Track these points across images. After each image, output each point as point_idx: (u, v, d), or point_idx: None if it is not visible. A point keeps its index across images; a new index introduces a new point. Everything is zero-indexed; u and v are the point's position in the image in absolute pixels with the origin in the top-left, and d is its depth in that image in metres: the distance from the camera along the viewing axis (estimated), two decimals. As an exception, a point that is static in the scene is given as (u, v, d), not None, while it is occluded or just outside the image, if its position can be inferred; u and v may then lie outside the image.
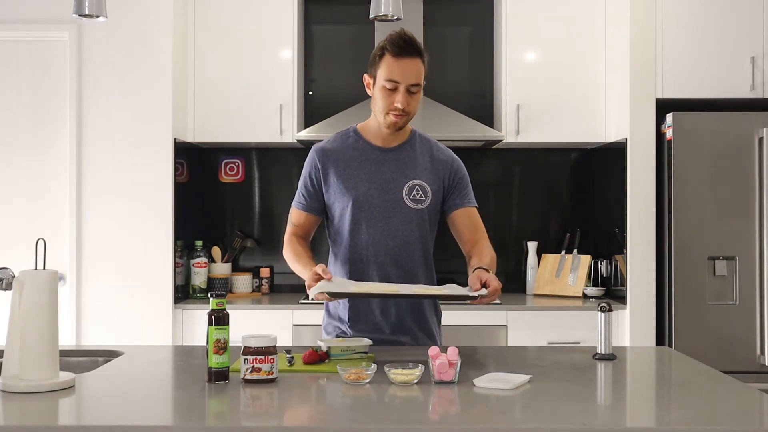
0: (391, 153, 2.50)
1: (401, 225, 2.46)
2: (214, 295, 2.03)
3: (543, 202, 4.41)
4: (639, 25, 3.74)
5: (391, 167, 2.48)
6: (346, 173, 2.45)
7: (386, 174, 2.47)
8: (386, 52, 2.36)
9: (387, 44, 2.36)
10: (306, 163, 2.51)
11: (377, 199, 2.44)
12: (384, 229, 2.45)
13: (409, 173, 2.49)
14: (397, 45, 2.35)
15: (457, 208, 2.58)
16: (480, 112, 4.34)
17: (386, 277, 2.45)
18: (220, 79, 4.04)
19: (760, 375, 3.55)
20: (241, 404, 1.89)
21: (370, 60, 2.42)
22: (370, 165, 2.47)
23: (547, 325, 3.74)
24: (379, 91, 2.38)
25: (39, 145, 3.85)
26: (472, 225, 2.61)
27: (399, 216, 2.45)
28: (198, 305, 3.83)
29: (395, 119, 2.41)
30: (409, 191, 2.47)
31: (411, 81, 2.37)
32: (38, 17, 3.80)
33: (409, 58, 2.36)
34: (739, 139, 3.61)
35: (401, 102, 2.37)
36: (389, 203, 2.45)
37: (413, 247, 2.49)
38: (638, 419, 1.84)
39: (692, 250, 3.61)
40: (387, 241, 2.45)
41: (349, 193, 2.44)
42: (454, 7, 4.42)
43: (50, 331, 1.94)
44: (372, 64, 2.41)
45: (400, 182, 2.47)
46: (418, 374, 1.99)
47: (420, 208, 2.48)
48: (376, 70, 2.39)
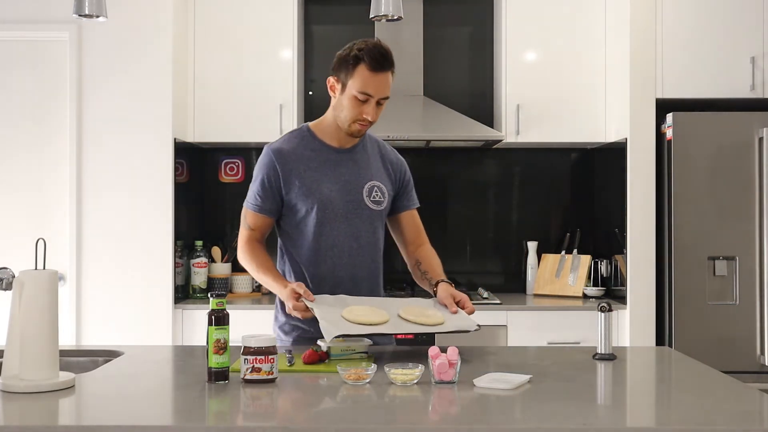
0: (347, 154, 2.48)
1: (363, 226, 2.46)
2: (214, 295, 2.03)
3: (543, 202, 4.41)
4: (639, 25, 3.74)
5: (349, 168, 2.46)
6: (308, 175, 2.41)
7: (345, 175, 2.45)
8: (363, 63, 2.32)
9: (364, 56, 2.32)
10: (261, 164, 2.43)
11: (340, 201, 2.43)
12: (347, 231, 2.44)
13: (366, 174, 2.48)
14: (375, 59, 2.32)
15: (405, 210, 2.61)
16: (480, 112, 4.34)
17: (351, 278, 2.44)
18: (220, 79, 4.04)
19: (760, 375, 3.55)
20: (241, 404, 1.89)
21: (339, 63, 2.37)
22: (329, 166, 2.44)
23: (547, 325, 3.74)
24: (350, 100, 2.36)
25: (39, 145, 3.85)
26: (416, 227, 2.63)
27: (361, 218, 2.45)
28: (198, 305, 3.83)
29: (360, 128, 2.41)
30: (369, 192, 2.47)
31: (383, 95, 2.37)
32: (38, 17, 3.80)
33: (384, 72, 2.35)
34: (739, 139, 3.61)
35: (371, 115, 2.37)
36: (351, 205, 2.44)
37: (374, 248, 2.50)
38: (638, 419, 1.84)
39: (692, 250, 3.61)
40: (351, 243, 2.44)
41: (313, 195, 2.40)
42: (454, 7, 4.42)
43: (50, 331, 1.94)
44: (342, 69, 2.36)
45: (360, 183, 2.46)
46: (418, 374, 1.99)
47: (380, 210, 2.49)
48: (347, 77, 2.34)
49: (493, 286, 4.24)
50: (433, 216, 4.41)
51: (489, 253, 4.41)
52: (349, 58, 2.34)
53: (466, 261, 4.41)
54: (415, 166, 4.40)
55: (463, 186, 4.42)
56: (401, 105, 4.06)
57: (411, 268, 2.61)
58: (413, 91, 4.14)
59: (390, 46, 4.18)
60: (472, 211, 4.42)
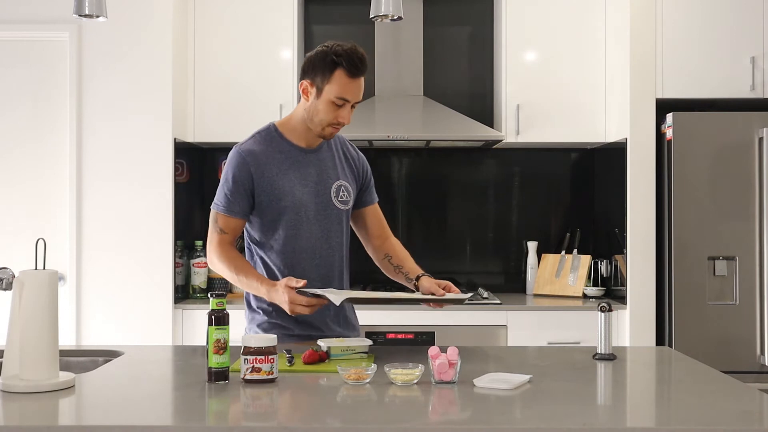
0: (314, 154, 2.47)
1: (333, 227, 2.47)
2: (214, 295, 2.03)
3: (543, 202, 4.41)
4: (639, 26, 3.74)
5: (317, 169, 2.46)
6: (279, 176, 2.40)
7: (313, 176, 2.45)
8: (340, 68, 2.32)
9: (343, 61, 2.31)
10: (231, 165, 2.39)
11: (311, 203, 2.43)
12: (319, 232, 2.44)
13: (332, 174, 2.48)
14: (354, 66, 2.32)
15: (368, 205, 2.62)
16: (480, 112, 4.34)
17: (321, 278, 2.44)
18: (220, 79, 4.04)
19: (760, 375, 3.55)
20: (241, 404, 1.89)
21: (313, 66, 2.36)
22: (298, 167, 2.43)
23: (547, 325, 3.74)
24: (326, 104, 2.35)
25: (39, 145, 3.85)
26: (380, 221, 2.65)
27: (330, 218, 2.46)
28: (198, 305, 3.83)
29: (333, 131, 2.41)
30: (336, 192, 2.48)
31: (358, 99, 2.39)
32: (38, 17, 3.80)
33: (361, 77, 2.36)
34: (739, 139, 3.61)
35: (347, 119, 2.38)
36: (321, 206, 2.45)
37: (343, 248, 2.52)
38: (638, 419, 1.84)
39: (692, 250, 3.61)
40: (322, 244, 2.45)
41: (286, 197, 2.39)
42: (454, 7, 4.42)
43: (50, 331, 1.94)
44: (318, 73, 2.35)
45: (327, 184, 2.46)
46: (418, 374, 1.99)
47: (346, 209, 2.51)
48: (324, 82, 2.34)
49: (493, 286, 4.24)
50: (433, 216, 4.42)
51: (489, 253, 4.41)
52: (326, 63, 2.33)
53: (466, 261, 4.41)
54: (415, 166, 4.45)
55: (463, 186, 4.42)
56: (401, 105, 4.06)
57: (379, 262, 2.62)
58: (413, 91, 4.14)
59: (390, 46, 4.23)
60: (472, 211, 4.42)
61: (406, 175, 4.41)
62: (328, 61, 2.33)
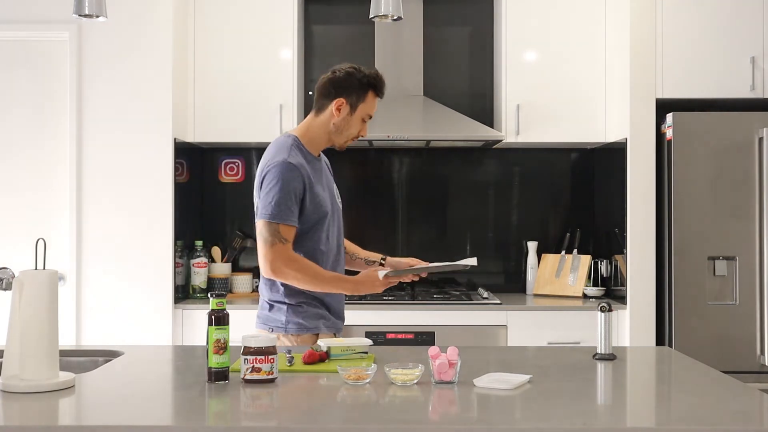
0: (319, 162, 2.69)
1: (340, 226, 2.74)
2: (214, 295, 2.04)
3: (543, 202, 4.41)
4: (639, 25, 3.74)
5: (325, 176, 2.69)
6: (317, 186, 2.59)
7: (328, 183, 2.70)
8: (373, 90, 2.61)
9: (375, 83, 2.61)
10: (290, 178, 2.50)
11: (332, 208, 2.65)
12: (336, 232, 2.68)
13: (332, 179, 2.77)
14: (382, 89, 2.63)
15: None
16: (480, 112, 4.34)
17: (338, 270, 2.71)
18: (220, 79, 4.04)
19: (760, 375, 3.55)
20: (241, 404, 1.89)
21: (350, 86, 2.59)
22: (319, 176, 2.65)
23: (547, 325, 3.74)
24: (357, 120, 2.62)
25: (39, 145, 3.85)
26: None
27: (340, 218, 2.74)
28: (198, 305, 3.83)
29: (351, 143, 2.69)
30: (338, 195, 2.77)
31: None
32: (38, 17, 3.80)
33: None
34: (739, 139, 3.61)
35: (366, 133, 2.68)
36: (335, 208, 2.69)
37: (343, 246, 2.77)
38: (638, 419, 1.84)
39: (692, 250, 3.61)
40: (337, 245, 2.70)
41: (324, 204, 2.60)
42: (454, 7, 4.42)
43: (50, 331, 1.94)
44: (353, 93, 2.59)
45: (332, 188, 2.73)
46: (418, 374, 1.99)
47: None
48: (358, 101, 2.60)
49: (493, 286, 4.24)
50: (433, 216, 4.42)
51: (489, 253, 4.41)
52: (362, 85, 2.59)
53: (466, 261, 4.40)
54: (415, 166, 4.45)
55: (463, 186, 4.42)
56: (401, 105, 4.06)
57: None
58: (413, 91, 4.14)
59: (390, 46, 4.24)
60: (472, 211, 4.42)
61: (406, 175, 4.41)
62: (363, 83, 2.60)
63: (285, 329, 2.56)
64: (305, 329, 2.56)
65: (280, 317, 2.57)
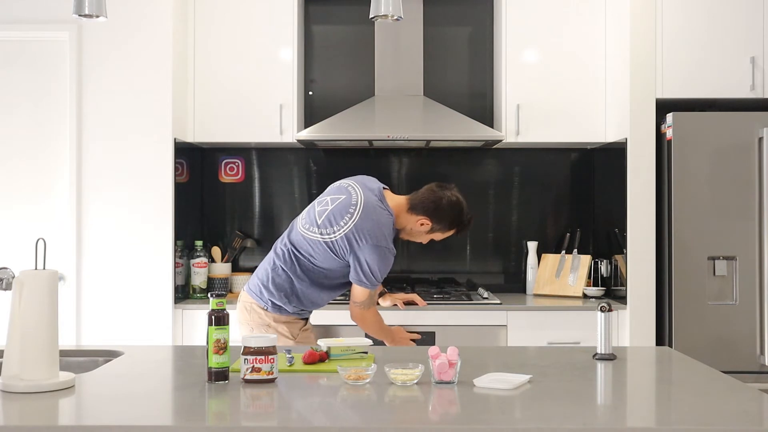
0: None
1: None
2: (214, 295, 2.04)
3: (543, 201, 4.41)
4: (639, 25, 3.74)
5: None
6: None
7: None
8: (457, 229, 3.03)
9: (464, 227, 3.05)
10: (389, 263, 2.91)
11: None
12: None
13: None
14: (465, 231, 3.09)
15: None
16: (480, 112, 4.34)
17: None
18: (220, 79, 4.04)
19: (760, 375, 3.55)
20: (241, 404, 1.89)
21: (443, 216, 2.98)
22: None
23: (547, 325, 3.74)
24: (427, 237, 3.06)
25: (39, 145, 3.85)
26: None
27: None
28: (198, 305, 3.83)
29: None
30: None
31: None
32: (38, 17, 3.80)
33: None
34: (739, 139, 3.61)
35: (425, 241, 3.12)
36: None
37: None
38: (638, 419, 1.84)
39: (692, 250, 3.61)
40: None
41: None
42: (454, 7, 4.42)
43: (50, 331, 1.94)
44: (444, 222, 3.00)
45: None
46: (418, 374, 1.99)
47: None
48: (444, 228, 3.02)
49: (493, 286, 4.24)
50: (433, 216, 4.41)
51: (489, 253, 4.41)
52: (456, 223, 3.02)
53: (466, 261, 4.41)
54: (415, 166, 4.44)
55: (463, 186, 4.37)
56: (401, 105, 4.06)
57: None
58: (413, 91, 4.14)
59: (390, 46, 4.24)
60: (472, 211, 4.38)
61: (406, 175, 4.41)
62: (456, 222, 3.02)
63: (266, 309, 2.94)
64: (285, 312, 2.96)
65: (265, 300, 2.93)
